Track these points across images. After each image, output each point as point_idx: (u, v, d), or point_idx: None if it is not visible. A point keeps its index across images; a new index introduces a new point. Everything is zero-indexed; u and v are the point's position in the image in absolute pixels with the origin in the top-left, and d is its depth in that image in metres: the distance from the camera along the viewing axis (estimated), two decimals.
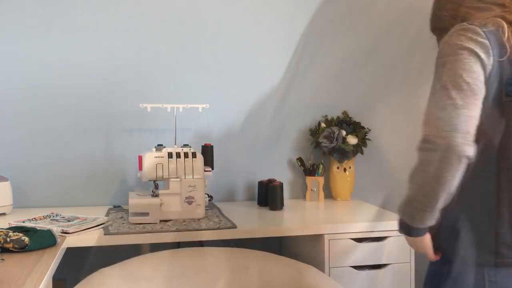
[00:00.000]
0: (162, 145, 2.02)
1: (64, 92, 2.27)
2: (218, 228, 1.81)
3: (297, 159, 2.45)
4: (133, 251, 1.80)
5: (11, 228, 1.59)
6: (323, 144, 2.36)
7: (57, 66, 2.26)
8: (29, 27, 2.22)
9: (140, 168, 1.95)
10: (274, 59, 2.47)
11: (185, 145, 2.09)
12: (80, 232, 1.72)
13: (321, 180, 2.39)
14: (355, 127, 2.42)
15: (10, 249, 1.45)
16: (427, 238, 1.23)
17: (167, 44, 2.36)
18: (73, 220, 1.84)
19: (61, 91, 2.27)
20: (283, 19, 2.48)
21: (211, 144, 2.25)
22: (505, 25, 1.19)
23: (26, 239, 1.47)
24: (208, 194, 2.15)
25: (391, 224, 1.93)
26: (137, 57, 2.33)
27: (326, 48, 2.49)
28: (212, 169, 2.15)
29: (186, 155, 1.97)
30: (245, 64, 2.45)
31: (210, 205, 2.26)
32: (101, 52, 2.29)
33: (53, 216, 1.91)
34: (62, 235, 1.67)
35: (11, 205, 2.07)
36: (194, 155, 1.98)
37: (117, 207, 2.21)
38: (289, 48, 2.49)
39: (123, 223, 1.86)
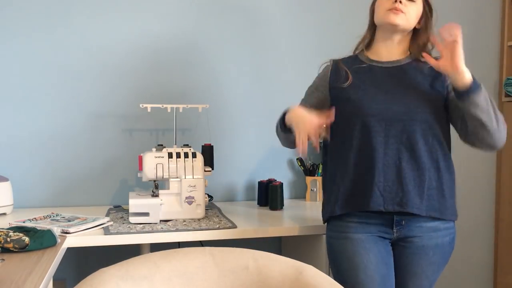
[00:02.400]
0: (162, 145, 2.02)
1: (64, 92, 2.27)
2: (218, 228, 1.81)
3: (297, 159, 2.46)
4: (133, 251, 1.80)
5: (11, 228, 1.59)
6: (323, 144, 2.36)
7: (57, 66, 2.26)
8: (29, 27, 2.22)
9: (140, 168, 1.95)
10: (275, 59, 2.48)
11: (185, 145, 2.09)
12: (80, 232, 1.72)
13: (321, 180, 2.39)
14: None
15: (11, 249, 1.46)
16: None
17: (167, 44, 2.36)
18: (73, 220, 1.84)
19: (61, 91, 2.27)
20: (284, 19, 2.48)
21: (211, 144, 2.25)
22: None
23: (27, 239, 1.47)
24: (208, 194, 2.15)
25: None
26: (137, 57, 2.33)
27: (326, 47, 2.49)
28: (212, 169, 2.15)
29: (186, 155, 1.97)
30: (245, 64, 2.45)
31: (210, 205, 2.26)
32: (101, 53, 2.30)
33: (54, 216, 1.91)
34: (62, 235, 1.67)
35: (11, 205, 2.07)
36: (194, 155, 1.98)
37: (117, 207, 2.21)
38: (289, 48, 2.49)
39: (123, 223, 1.86)
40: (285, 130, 1.64)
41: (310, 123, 1.50)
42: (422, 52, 1.58)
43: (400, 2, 1.53)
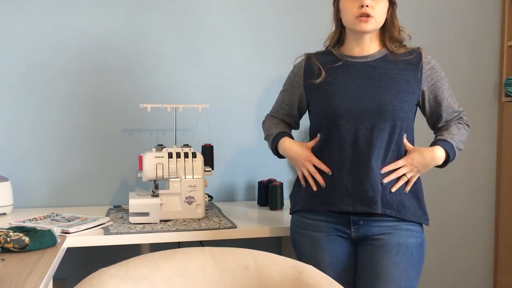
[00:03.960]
0: (162, 145, 2.02)
1: (63, 92, 2.27)
2: (218, 228, 1.81)
3: None
4: (133, 251, 1.80)
5: (11, 228, 1.60)
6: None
7: (56, 66, 2.26)
8: (29, 26, 2.22)
9: (140, 168, 1.95)
10: (274, 59, 2.47)
11: (185, 145, 2.09)
12: (80, 232, 1.72)
13: None
14: None
15: (11, 249, 1.46)
16: None
17: (167, 44, 2.36)
18: (73, 220, 1.84)
19: (61, 91, 2.27)
20: (283, 19, 2.48)
21: (211, 144, 2.25)
22: None
23: (27, 239, 1.47)
24: (208, 194, 2.15)
25: None
26: (137, 57, 2.33)
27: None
28: (212, 169, 2.15)
29: (186, 155, 1.97)
30: (245, 64, 2.45)
31: (210, 205, 2.26)
32: (101, 52, 2.29)
33: (54, 216, 1.92)
34: (62, 235, 1.67)
35: (11, 205, 2.07)
36: (194, 155, 1.98)
37: (117, 207, 2.21)
38: (289, 47, 2.49)
39: (123, 223, 1.86)
40: (280, 156, 1.72)
41: (309, 159, 1.58)
42: (395, 43, 1.59)
43: (367, 6, 1.49)
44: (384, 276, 1.49)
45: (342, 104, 1.51)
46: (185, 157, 1.97)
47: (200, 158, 1.99)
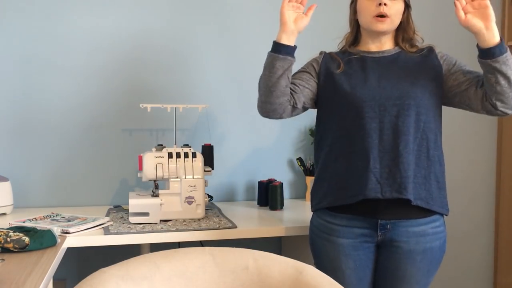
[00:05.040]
0: (162, 145, 2.02)
1: (64, 92, 2.27)
2: (218, 228, 1.81)
3: (297, 159, 2.46)
4: (133, 251, 1.80)
5: (11, 228, 1.60)
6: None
7: (57, 65, 2.26)
8: (30, 26, 2.22)
9: (140, 168, 1.95)
10: None
11: (185, 145, 2.09)
12: (80, 232, 1.72)
13: None
14: None
15: (11, 249, 1.46)
16: None
17: (167, 44, 2.36)
18: (73, 220, 1.84)
19: (61, 91, 2.27)
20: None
21: (211, 144, 2.25)
22: None
23: (27, 239, 1.47)
24: (208, 194, 2.15)
25: None
26: (137, 57, 2.33)
27: (326, 47, 2.49)
28: (212, 169, 2.15)
29: (186, 155, 1.97)
30: (245, 64, 2.45)
31: (210, 205, 2.26)
32: (101, 52, 2.29)
33: (54, 216, 1.92)
34: (62, 235, 1.67)
35: (11, 205, 2.07)
36: (194, 155, 1.98)
37: (117, 207, 2.21)
38: None
39: (123, 223, 1.86)
40: (278, 50, 1.65)
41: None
42: (408, 44, 1.63)
43: (385, 4, 1.53)
44: (406, 278, 1.53)
45: (366, 92, 1.53)
46: (185, 157, 1.97)
47: (200, 158, 1.99)
